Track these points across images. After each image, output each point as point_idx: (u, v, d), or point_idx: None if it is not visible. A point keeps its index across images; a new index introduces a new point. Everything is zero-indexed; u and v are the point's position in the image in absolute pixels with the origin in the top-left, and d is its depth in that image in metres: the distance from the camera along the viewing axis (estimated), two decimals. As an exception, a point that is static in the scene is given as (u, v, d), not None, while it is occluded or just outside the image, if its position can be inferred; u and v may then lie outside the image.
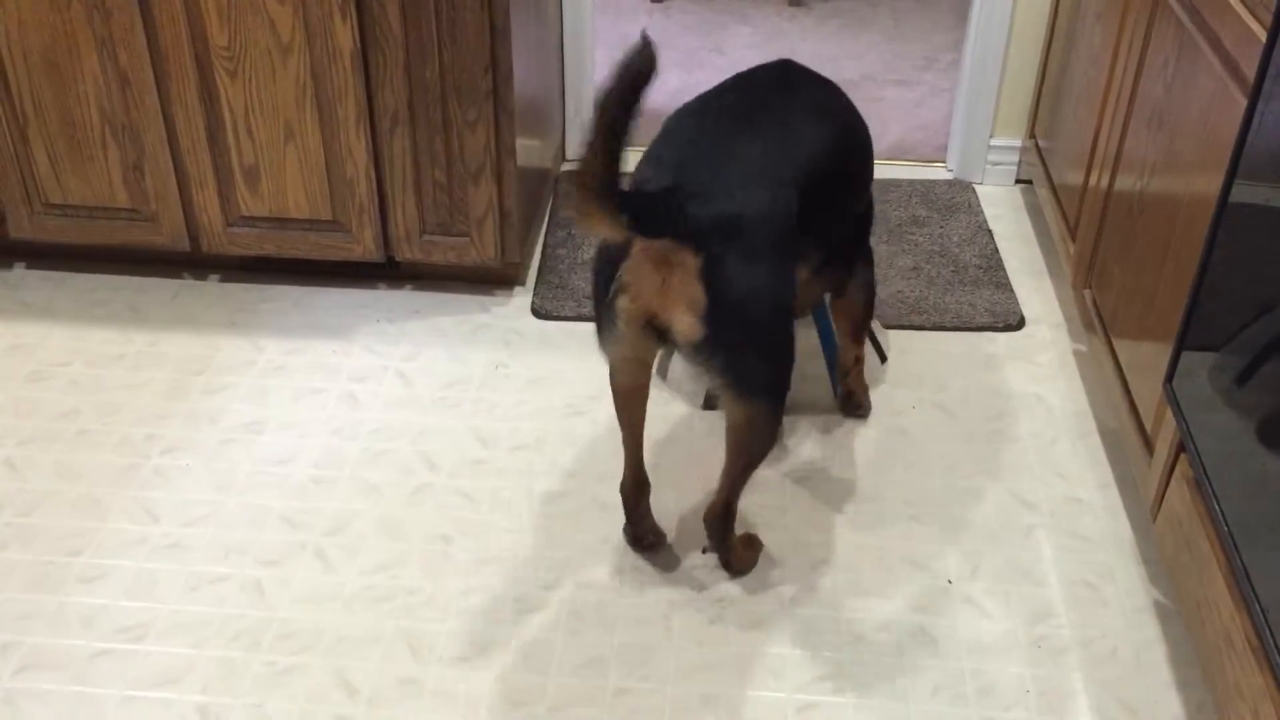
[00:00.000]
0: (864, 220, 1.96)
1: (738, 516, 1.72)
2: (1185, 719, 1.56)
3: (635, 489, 1.75)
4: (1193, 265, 1.59)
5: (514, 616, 1.69)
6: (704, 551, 1.78)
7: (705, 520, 1.71)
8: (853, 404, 2.05)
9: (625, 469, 1.74)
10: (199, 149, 2.17)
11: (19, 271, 2.40)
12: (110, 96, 2.13)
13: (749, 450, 1.63)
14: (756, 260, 1.46)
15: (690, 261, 1.43)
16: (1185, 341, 1.55)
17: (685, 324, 1.46)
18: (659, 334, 1.49)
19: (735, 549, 1.74)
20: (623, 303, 1.47)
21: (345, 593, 1.72)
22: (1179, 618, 1.70)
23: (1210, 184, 1.55)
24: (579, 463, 1.96)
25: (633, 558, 1.78)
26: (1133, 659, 1.64)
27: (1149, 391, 1.71)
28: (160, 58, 2.09)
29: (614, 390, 1.68)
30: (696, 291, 1.44)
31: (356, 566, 1.76)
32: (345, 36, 2.04)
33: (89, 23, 2.06)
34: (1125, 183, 1.92)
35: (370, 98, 2.12)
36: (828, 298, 2.02)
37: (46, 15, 2.05)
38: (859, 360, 2.04)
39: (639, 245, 1.45)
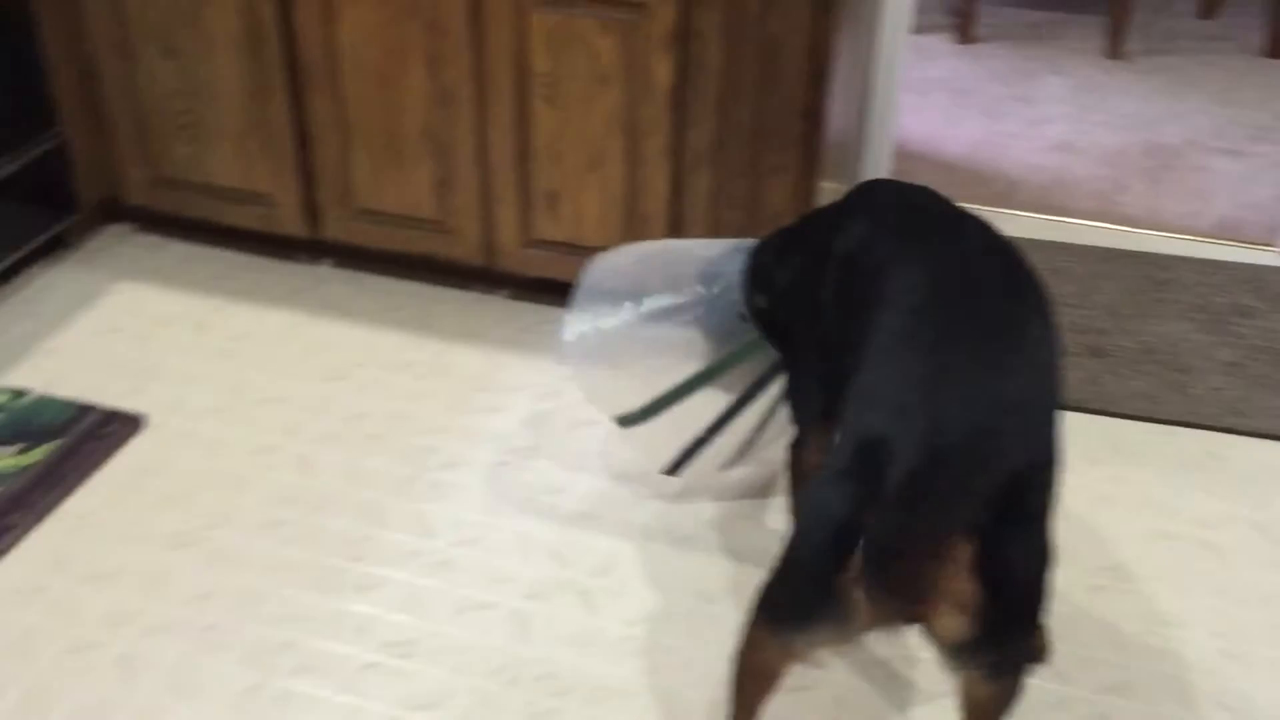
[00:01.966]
0: None
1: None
2: None
3: None
4: None
5: (778, 695, 1.62)
6: None
7: None
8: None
9: None
10: (506, 169, 2.21)
11: (325, 268, 2.51)
12: (431, 112, 2.19)
13: None
14: (1040, 531, 1.13)
15: (961, 551, 1.11)
16: None
17: (954, 626, 1.13)
18: (907, 624, 1.18)
19: None
20: (862, 600, 1.13)
21: (606, 639, 1.70)
22: None
23: None
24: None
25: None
26: None
27: None
28: (483, 79, 2.13)
29: (746, 666, 1.33)
30: (968, 587, 1.11)
31: (619, 614, 1.74)
32: (663, 72, 2.03)
33: (422, 40, 2.12)
34: None
35: (678, 134, 2.09)
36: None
37: (385, 30, 2.13)
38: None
39: None
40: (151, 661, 1.64)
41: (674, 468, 1.89)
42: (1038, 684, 1.62)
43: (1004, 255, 1.34)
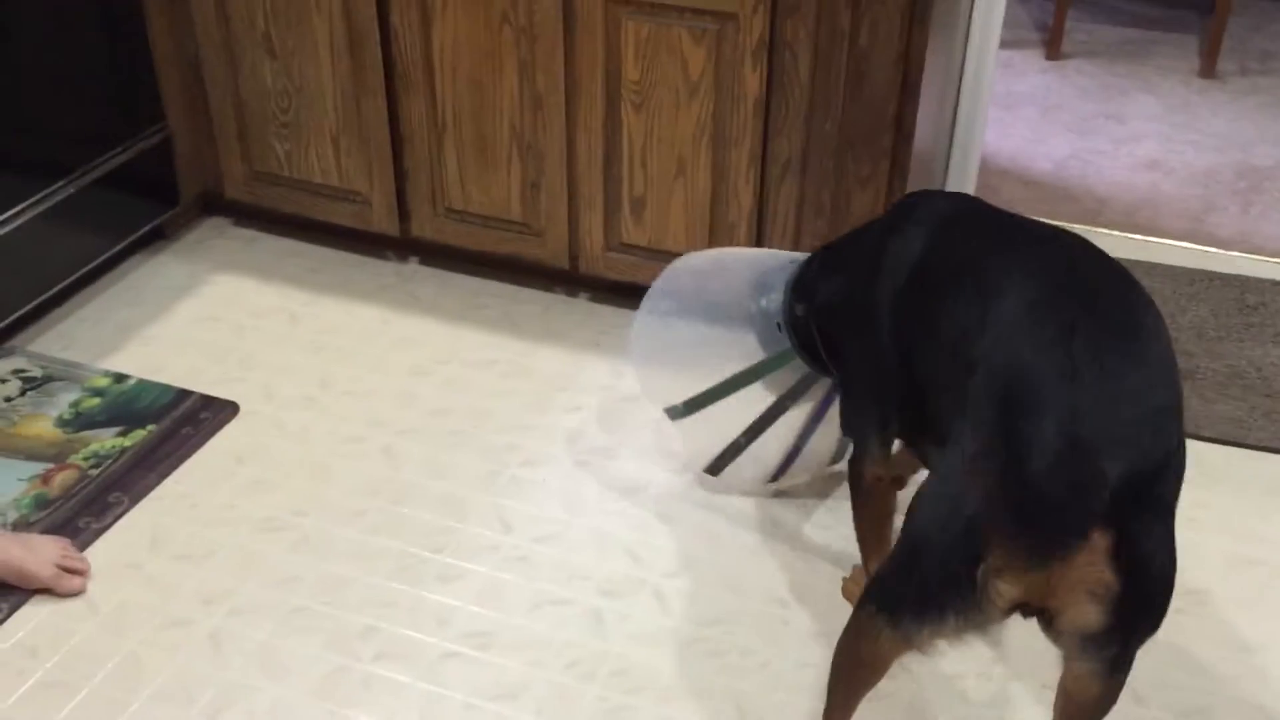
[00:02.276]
0: None
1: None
2: None
3: None
4: None
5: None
6: None
7: None
8: None
9: None
10: (594, 174, 2.24)
11: (413, 265, 2.57)
12: (522, 116, 2.23)
13: None
14: (1171, 524, 1.16)
15: (1100, 541, 1.12)
16: None
17: (1087, 615, 1.15)
18: (1030, 614, 1.21)
19: None
20: (1002, 587, 1.15)
21: (679, 639, 1.72)
22: None
23: None
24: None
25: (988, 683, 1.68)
26: None
27: None
28: (574, 85, 2.17)
29: (856, 658, 1.35)
30: (1105, 576, 1.13)
31: (693, 614, 1.76)
32: (753, 82, 2.05)
33: (516, 46, 2.17)
34: None
35: (765, 144, 2.11)
36: None
37: (480, 35, 2.18)
38: None
39: None
40: (241, 640, 1.70)
41: (715, 468, 1.95)
42: (1116, 707, 1.61)
43: (1099, 254, 1.35)
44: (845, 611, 1.77)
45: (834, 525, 1.92)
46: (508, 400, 2.18)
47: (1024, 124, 3.20)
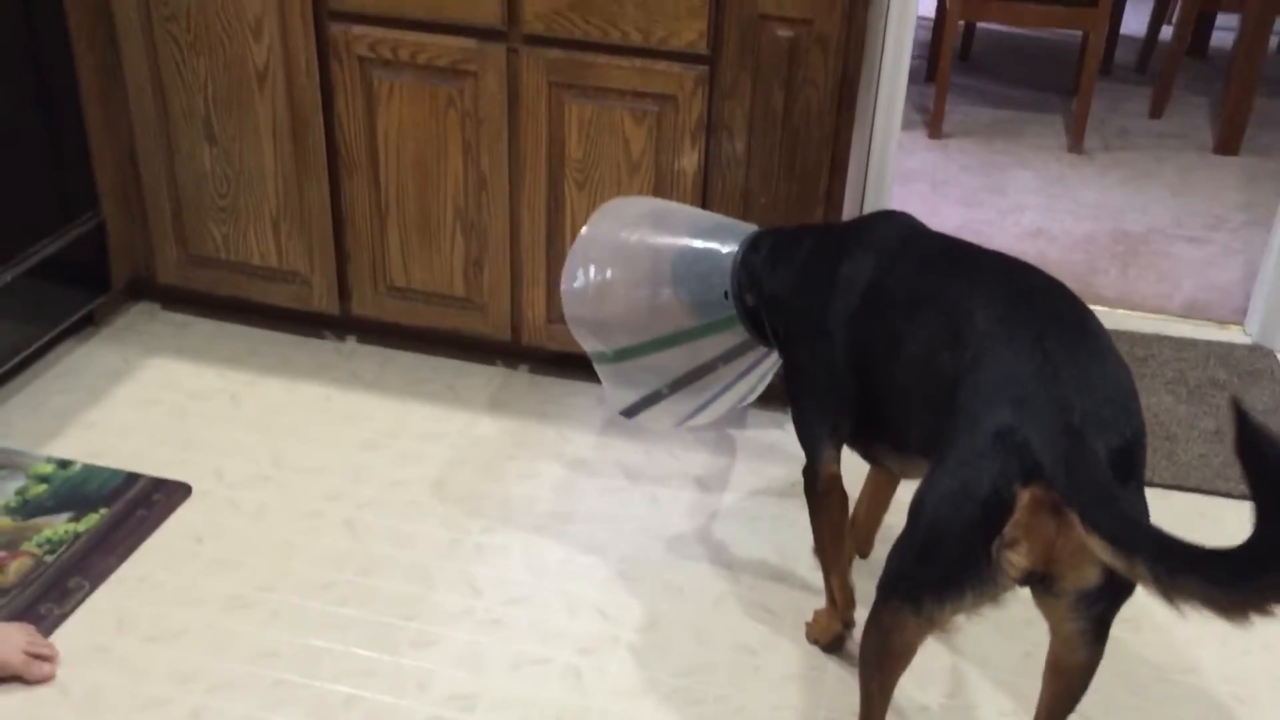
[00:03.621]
0: None
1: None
2: None
3: None
4: None
5: (824, 738, 1.71)
6: None
7: None
8: None
9: None
10: (537, 250, 2.33)
11: (351, 344, 2.60)
12: (466, 196, 2.32)
13: (1079, 696, 1.50)
14: (1142, 487, 1.34)
15: None
16: None
17: (1087, 575, 1.32)
18: (1036, 581, 1.35)
19: None
20: (1015, 557, 1.30)
21: (659, 690, 1.78)
22: None
23: None
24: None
25: (948, 689, 1.79)
26: None
27: None
28: (518, 165, 2.26)
29: (887, 650, 1.47)
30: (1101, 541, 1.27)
31: (668, 666, 1.82)
32: (692, 160, 2.18)
33: (461, 128, 2.25)
34: None
35: (703, 217, 2.24)
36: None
37: (425, 119, 2.26)
38: None
39: (1030, 494, 1.28)
40: (223, 716, 1.70)
41: (631, 412, 2.05)
42: (1066, 726, 1.73)
43: (1032, 268, 1.54)
44: (812, 654, 1.86)
45: (792, 575, 2.01)
46: (461, 470, 2.23)
47: (918, 198, 3.42)
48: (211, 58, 2.32)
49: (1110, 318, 2.83)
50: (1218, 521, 2.17)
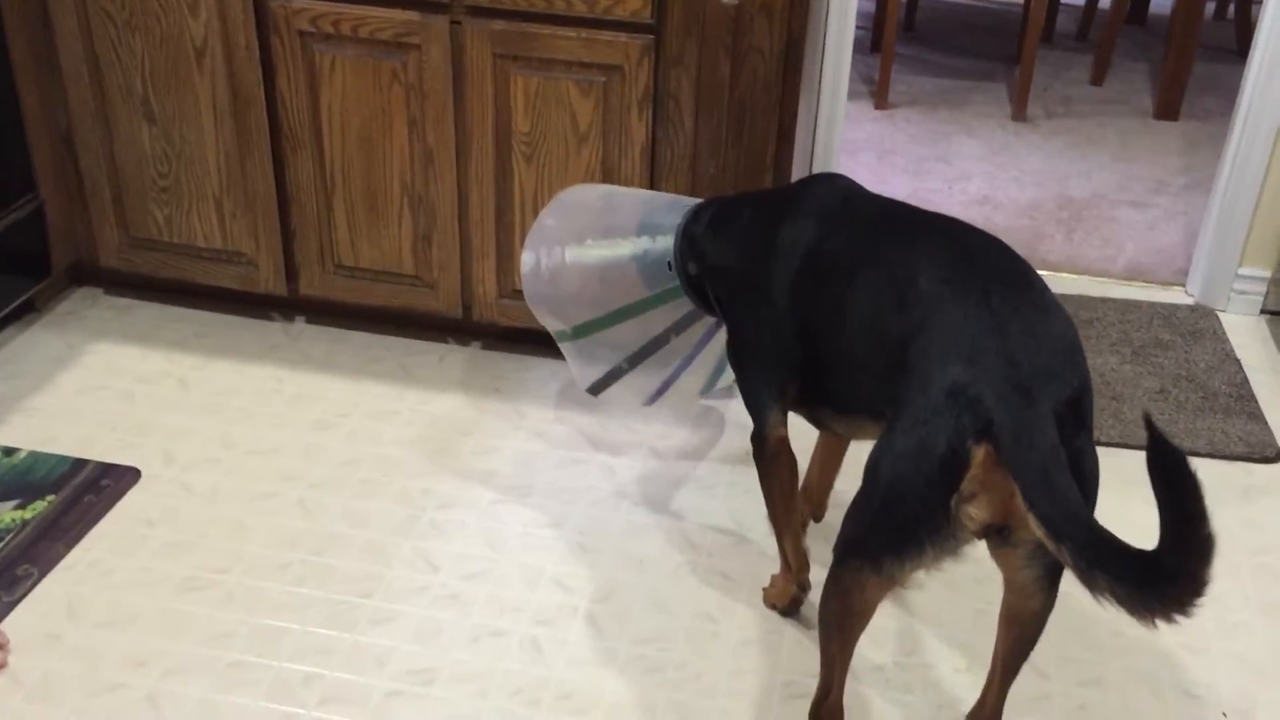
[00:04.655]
0: None
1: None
2: None
3: (841, 715, 1.61)
4: None
5: (783, 700, 1.73)
6: None
7: None
8: None
9: (832, 691, 1.57)
10: (486, 225, 2.32)
11: (300, 325, 2.57)
12: (413, 171, 2.29)
13: (1033, 643, 1.53)
14: (1091, 435, 1.36)
15: None
16: None
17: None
18: (993, 535, 1.38)
19: None
20: (973, 510, 1.33)
21: (618, 659, 1.79)
22: None
23: None
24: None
25: (902, 648, 1.81)
26: None
27: None
28: (465, 139, 2.25)
29: (847, 610, 1.49)
30: None
31: (627, 635, 1.83)
32: (640, 130, 2.17)
33: (406, 103, 2.23)
34: None
35: (652, 188, 2.23)
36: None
37: (370, 94, 2.24)
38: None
39: (985, 450, 1.30)
40: (180, 699, 1.68)
41: (597, 389, 2.06)
42: (1021, 681, 1.76)
43: (971, 227, 1.55)
44: (770, 618, 1.88)
45: (748, 542, 2.02)
46: (415, 448, 2.22)
47: (864, 168, 3.43)
48: (148, 35, 2.27)
49: (1056, 281, 2.87)
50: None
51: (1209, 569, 1.15)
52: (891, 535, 1.38)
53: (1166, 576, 1.18)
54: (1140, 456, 1.50)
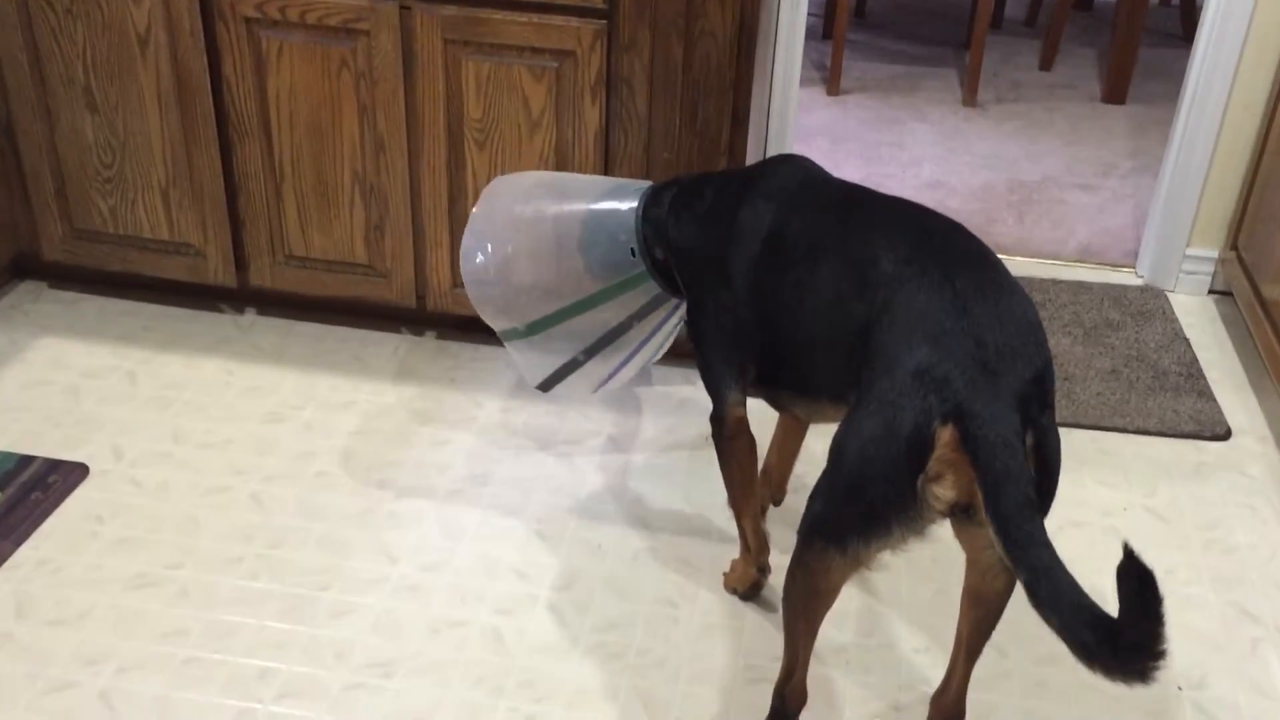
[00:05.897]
0: None
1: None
2: None
3: (805, 696, 1.62)
4: None
5: (745, 684, 1.73)
6: None
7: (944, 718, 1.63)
8: None
9: (796, 673, 1.58)
10: (439, 213, 2.29)
11: (250, 316, 2.54)
12: (364, 159, 2.26)
13: (995, 622, 1.53)
14: (1053, 414, 1.36)
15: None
16: None
17: None
18: (959, 514, 1.36)
19: None
20: (940, 490, 1.32)
21: (579, 646, 1.78)
22: None
23: None
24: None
25: (861, 629, 1.81)
26: (1373, 781, 1.62)
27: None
28: (416, 126, 2.22)
29: (812, 591, 1.49)
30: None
31: (588, 623, 1.82)
32: (593, 116, 2.16)
33: (355, 90, 2.20)
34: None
35: (606, 174, 2.22)
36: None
37: (318, 81, 2.20)
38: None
39: (951, 431, 1.29)
40: (134, 696, 1.65)
41: (548, 385, 2.01)
42: (981, 659, 1.77)
43: (927, 209, 1.55)
44: (731, 603, 1.88)
45: (707, 528, 2.02)
46: (370, 439, 2.19)
47: (819, 154, 3.44)
48: (89, 23, 2.23)
49: (1009, 264, 2.85)
50: (1115, 455, 2.23)
51: (1162, 644, 1.18)
52: (857, 516, 1.38)
53: (1119, 652, 1.21)
54: (1092, 436, 1.54)
